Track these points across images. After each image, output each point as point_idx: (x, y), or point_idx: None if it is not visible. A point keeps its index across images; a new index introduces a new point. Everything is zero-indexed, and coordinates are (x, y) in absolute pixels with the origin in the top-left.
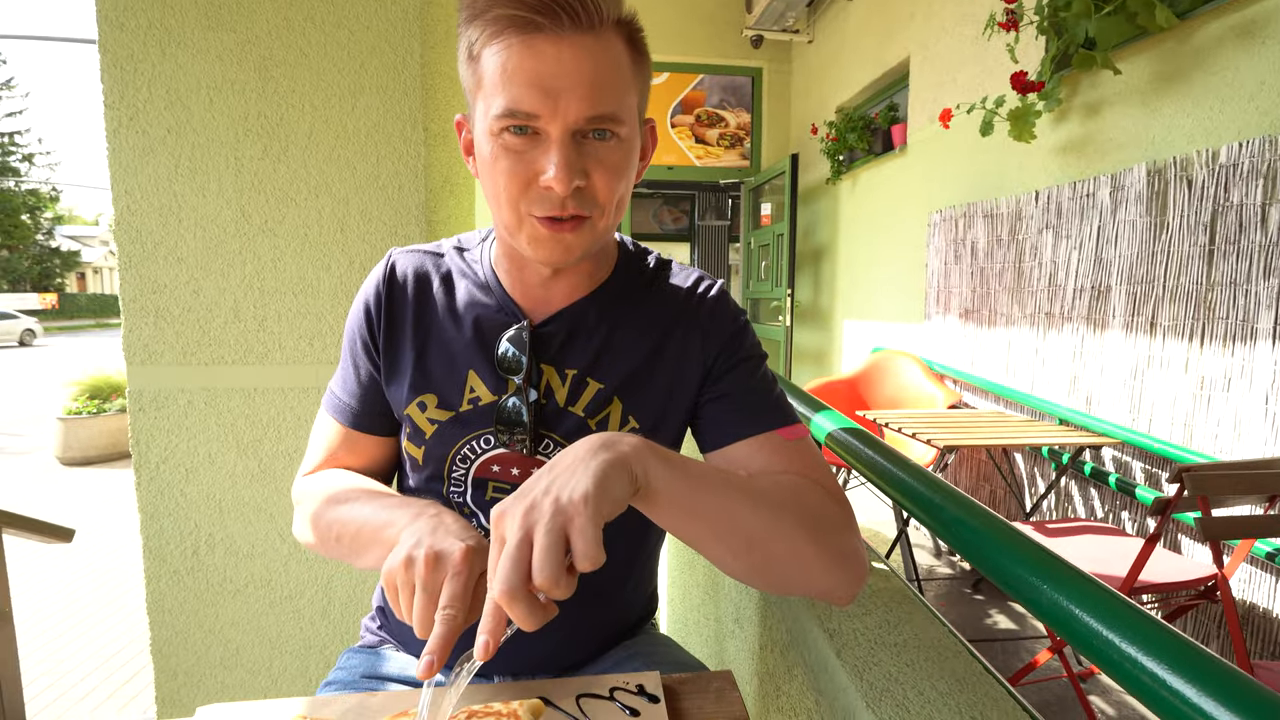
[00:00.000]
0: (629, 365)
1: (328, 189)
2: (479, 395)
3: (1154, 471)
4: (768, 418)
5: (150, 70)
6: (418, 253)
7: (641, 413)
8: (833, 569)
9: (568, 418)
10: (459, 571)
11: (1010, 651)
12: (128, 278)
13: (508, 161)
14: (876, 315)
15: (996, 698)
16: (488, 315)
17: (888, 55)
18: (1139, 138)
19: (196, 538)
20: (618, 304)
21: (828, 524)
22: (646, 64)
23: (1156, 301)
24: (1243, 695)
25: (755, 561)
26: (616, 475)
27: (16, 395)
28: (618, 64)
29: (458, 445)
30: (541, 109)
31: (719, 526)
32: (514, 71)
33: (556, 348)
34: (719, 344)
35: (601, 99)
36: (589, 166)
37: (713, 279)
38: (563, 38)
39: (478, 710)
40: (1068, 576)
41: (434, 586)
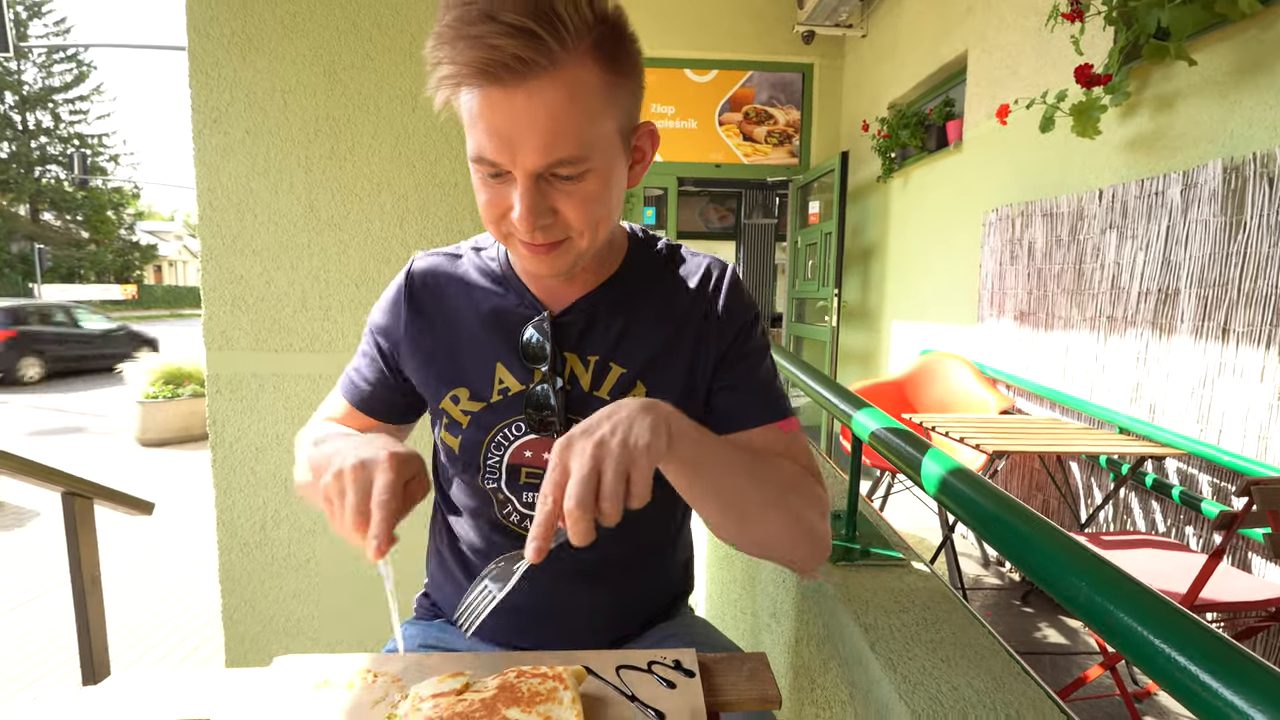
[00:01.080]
0: (649, 350)
1: (389, 186)
2: (508, 386)
3: (1223, 485)
4: (770, 410)
5: (232, 75)
6: (438, 255)
7: (664, 395)
8: (803, 543)
9: (594, 402)
10: (387, 469)
11: (1060, 667)
12: (209, 268)
13: (486, 194)
14: (926, 317)
15: (1034, 699)
16: (509, 309)
17: (944, 49)
18: (1215, 132)
19: (264, 513)
20: (633, 291)
21: (809, 507)
22: (630, 75)
23: (1230, 306)
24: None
25: (745, 528)
26: (663, 432)
27: (102, 379)
28: (581, 98)
29: (491, 434)
30: (500, 158)
31: (723, 495)
32: (476, 119)
33: (577, 336)
34: (733, 334)
35: (558, 145)
36: (557, 203)
37: (725, 264)
38: (516, 88)
39: (526, 670)
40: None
41: (364, 483)
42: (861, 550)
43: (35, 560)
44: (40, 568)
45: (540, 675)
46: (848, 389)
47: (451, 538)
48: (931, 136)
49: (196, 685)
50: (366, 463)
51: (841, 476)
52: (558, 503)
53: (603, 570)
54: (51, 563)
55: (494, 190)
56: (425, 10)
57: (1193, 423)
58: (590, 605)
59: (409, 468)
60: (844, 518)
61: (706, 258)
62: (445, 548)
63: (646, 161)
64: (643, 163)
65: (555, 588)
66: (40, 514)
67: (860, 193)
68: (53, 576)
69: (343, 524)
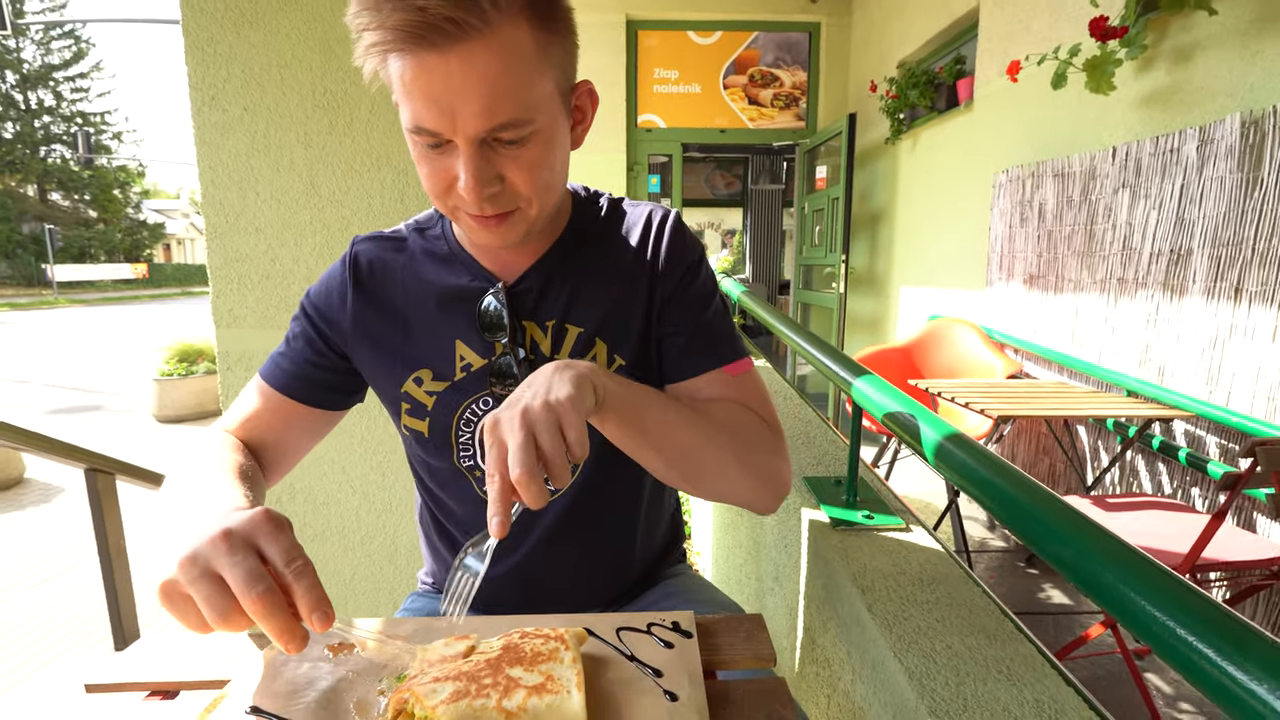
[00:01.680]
0: (603, 307)
1: (388, 161)
2: (470, 362)
3: (1230, 447)
4: (717, 354)
5: (228, 51)
6: (380, 239)
7: (623, 349)
8: (754, 484)
9: None
10: (272, 531)
11: (1063, 626)
12: (214, 247)
13: (428, 167)
14: (935, 282)
15: (1026, 655)
16: (462, 285)
17: (955, 4)
18: (1234, 86)
19: (279, 487)
20: (580, 250)
21: (755, 446)
22: (563, 34)
23: (1244, 265)
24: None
25: (686, 471)
26: (584, 385)
27: (115, 357)
28: (515, 59)
29: (459, 410)
30: (441, 126)
31: (658, 439)
32: (410, 87)
33: (533, 304)
34: (676, 278)
35: (498, 109)
36: (502, 169)
37: (665, 210)
38: (449, 51)
39: (529, 632)
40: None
41: (245, 549)
42: (862, 516)
43: (64, 534)
44: (68, 541)
45: (543, 636)
46: (847, 356)
47: (436, 518)
48: (941, 96)
49: (220, 649)
50: (234, 530)
51: (844, 443)
52: (504, 477)
53: (586, 530)
54: (79, 536)
55: (435, 162)
56: None
57: (1202, 384)
58: (579, 566)
59: (286, 521)
60: (845, 484)
61: (648, 205)
62: (433, 530)
63: (588, 122)
64: (584, 124)
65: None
66: (65, 490)
67: (868, 156)
68: (81, 549)
69: (217, 614)
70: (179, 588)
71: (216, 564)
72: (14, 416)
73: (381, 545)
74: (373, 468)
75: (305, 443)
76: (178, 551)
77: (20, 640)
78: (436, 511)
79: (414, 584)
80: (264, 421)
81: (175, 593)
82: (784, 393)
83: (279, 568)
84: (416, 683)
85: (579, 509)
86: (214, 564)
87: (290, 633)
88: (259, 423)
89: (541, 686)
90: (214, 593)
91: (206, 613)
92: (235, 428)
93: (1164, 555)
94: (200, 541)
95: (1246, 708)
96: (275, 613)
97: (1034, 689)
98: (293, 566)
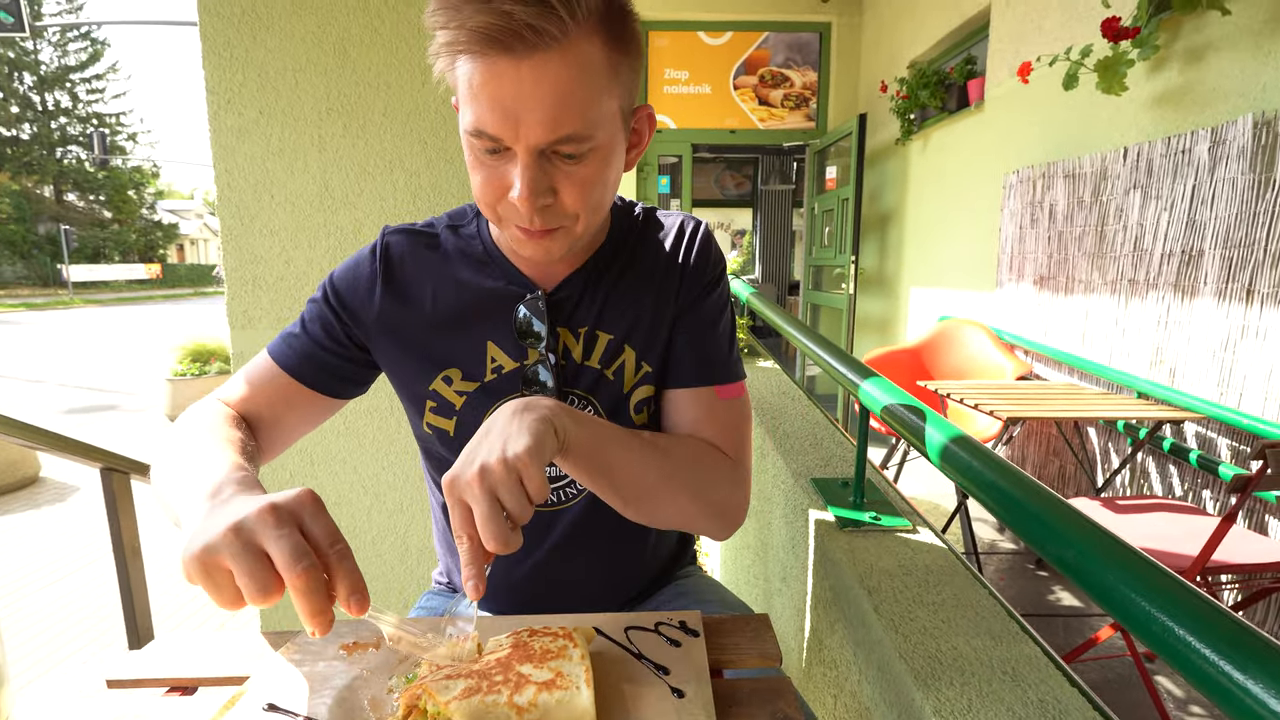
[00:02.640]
0: (633, 313)
1: (401, 163)
2: (501, 364)
3: (1242, 449)
4: (713, 373)
5: (244, 55)
6: (412, 233)
7: (650, 356)
8: (707, 519)
9: (586, 372)
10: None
11: (1073, 629)
12: (229, 249)
13: (482, 173)
14: (945, 283)
15: (1031, 656)
16: (498, 287)
17: (966, 3)
18: (1246, 86)
19: (291, 484)
20: (617, 260)
21: (714, 483)
22: (631, 55)
23: (1256, 266)
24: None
25: (642, 509)
26: (545, 429)
27: (130, 357)
28: (587, 73)
29: (489, 413)
30: (503, 132)
31: (617, 478)
32: (478, 90)
33: (569, 311)
34: (695, 288)
35: (563, 121)
36: (557, 183)
37: (697, 221)
38: (523, 59)
39: (538, 630)
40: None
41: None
42: (869, 518)
43: (79, 533)
44: (84, 540)
45: (551, 634)
46: (854, 358)
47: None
48: (952, 96)
49: (236, 647)
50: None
51: (851, 444)
52: (474, 539)
53: (597, 539)
54: (94, 535)
55: (491, 169)
56: None
57: (1213, 386)
58: (591, 572)
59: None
60: (852, 485)
61: (679, 216)
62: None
63: (643, 145)
64: (639, 146)
65: (556, 558)
66: (80, 489)
67: (878, 156)
68: (96, 548)
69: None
70: (219, 561)
71: (262, 537)
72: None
73: (393, 545)
74: (384, 468)
75: (302, 426)
76: (218, 523)
77: (36, 638)
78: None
79: (426, 583)
80: (265, 399)
81: (213, 565)
82: (792, 394)
83: (323, 547)
84: (430, 679)
85: (592, 517)
86: (259, 537)
87: (323, 614)
88: (260, 400)
89: (551, 683)
90: (257, 567)
91: (246, 585)
92: (235, 401)
93: (1174, 558)
94: (245, 513)
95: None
96: (316, 590)
97: (1039, 690)
98: (336, 548)
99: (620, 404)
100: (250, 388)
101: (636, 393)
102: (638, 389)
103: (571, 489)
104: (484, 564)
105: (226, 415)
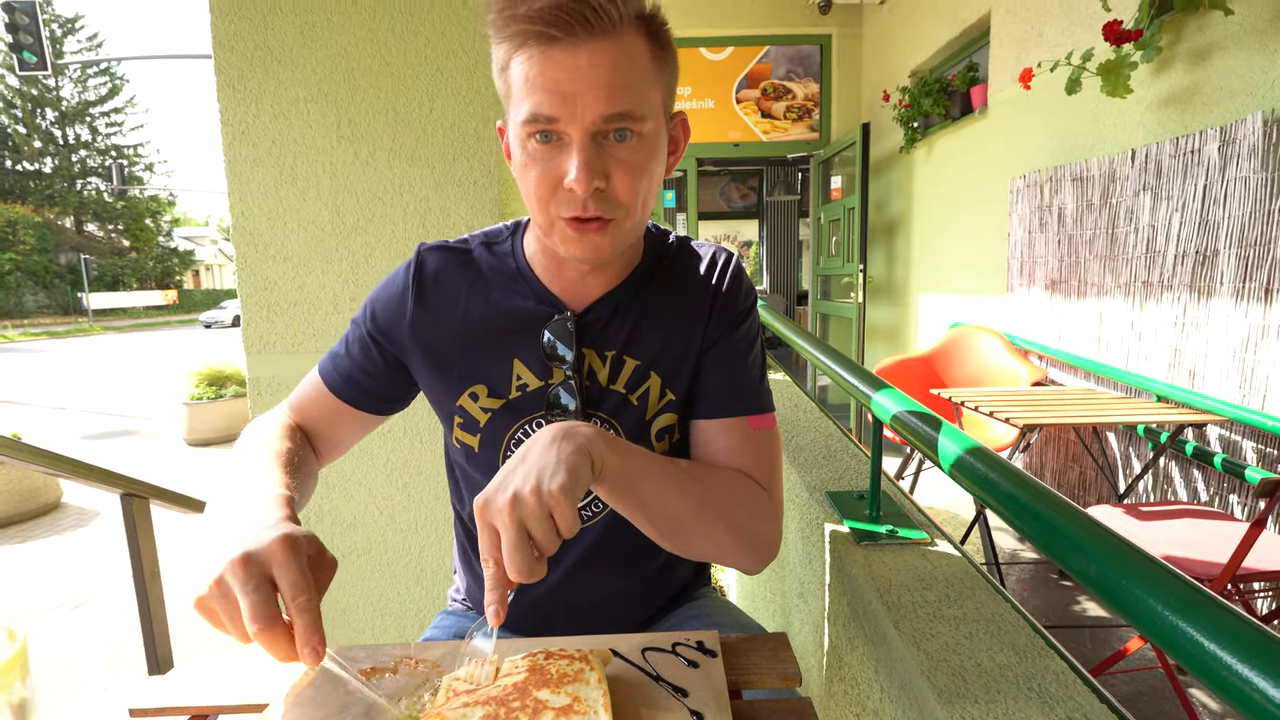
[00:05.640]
0: (660, 341)
1: (410, 188)
2: (526, 382)
3: (1269, 452)
4: (744, 404)
5: (257, 88)
6: (447, 249)
7: (675, 384)
8: (742, 551)
9: (611, 395)
10: (284, 562)
11: (1100, 640)
12: (244, 276)
13: (536, 168)
14: (954, 289)
15: (1058, 671)
16: (528, 306)
17: (966, 11)
18: (1254, 84)
19: (307, 509)
20: (648, 285)
21: (748, 515)
22: (670, 59)
23: (1273, 265)
24: None
25: (677, 540)
26: (582, 462)
27: (149, 382)
28: (637, 62)
29: (512, 430)
30: (560, 112)
31: (652, 509)
32: (535, 79)
33: (596, 333)
34: (727, 320)
35: (617, 97)
36: (610, 167)
37: (729, 253)
38: (579, 46)
39: (554, 652)
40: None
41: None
42: (886, 531)
43: (100, 558)
44: (104, 565)
45: (568, 657)
46: (865, 369)
47: (474, 541)
48: (955, 103)
49: (256, 674)
50: (254, 556)
51: (866, 456)
52: (499, 564)
53: (616, 559)
54: (113, 560)
55: (545, 162)
56: (440, 12)
57: (1235, 388)
58: (609, 592)
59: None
60: (868, 498)
61: (712, 247)
62: (469, 545)
63: (679, 152)
64: (676, 154)
65: (573, 579)
66: (100, 514)
67: (883, 165)
68: (116, 573)
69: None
70: (208, 603)
71: (235, 589)
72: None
73: (408, 566)
74: (398, 488)
75: (353, 437)
76: (208, 571)
77: (58, 664)
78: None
79: (442, 602)
80: (317, 413)
81: (205, 608)
82: (804, 406)
83: (287, 599)
84: (447, 708)
85: (610, 538)
86: (233, 589)
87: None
88: (313, 413)
89: (569, 708)
90: (235, 615)
91: (231, 631)
92: (294, 413)
93: (1203, 565)
94: (223, 565)
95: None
96: (276, 644)
97: (1067, 706)
98: (297, 602)
99: (642, 430)
100: (304, 402)
101: (659, 420)
102: (660, 416)
103: (588, 510)
104: (507, 590)
105: (284, 427)
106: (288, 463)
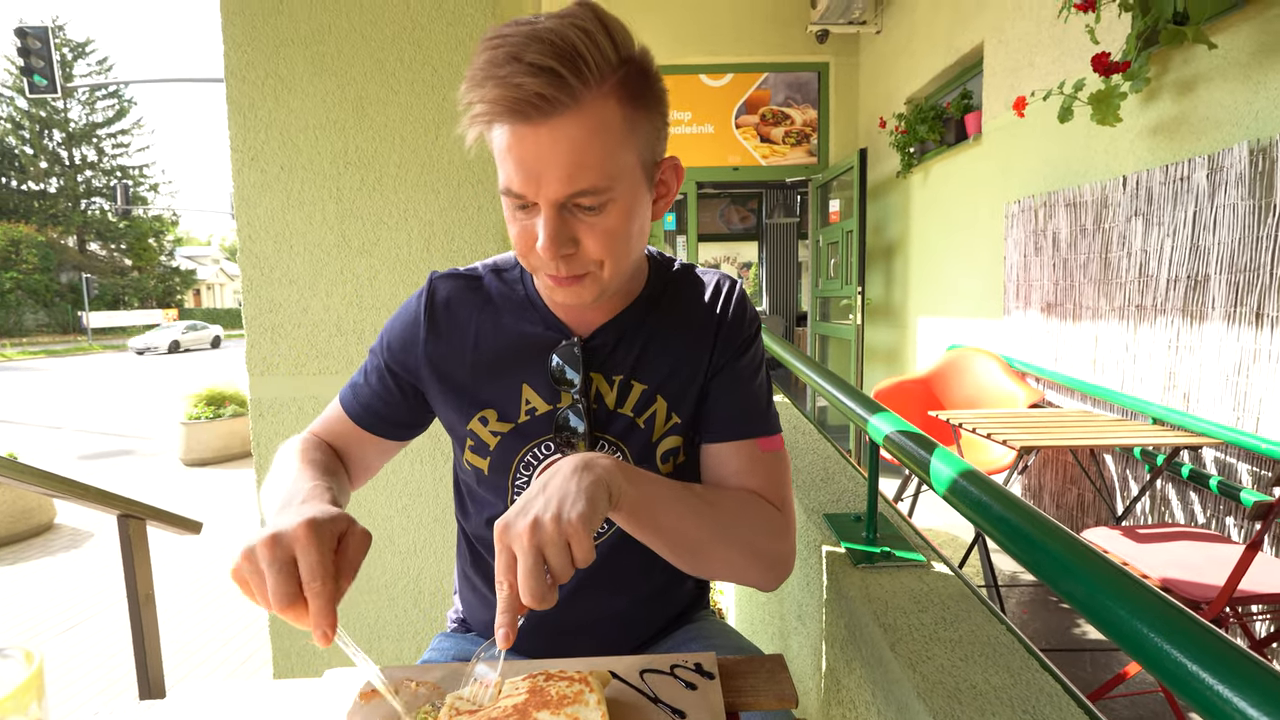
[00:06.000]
0: (667, 366)
1: (415, 213)
2: (535, 406)
3: (1263, 474)
4: (753, 426)
5: (267, 116)
6: (458, 277)
7: (681, 408)
8: (759, 571)
9: (618, 419)
10: (306, 545)
11: (1100, 664)
12: (249, 298)
13: (515, 227)
14: (951, 312)
15: (1052, 693)
16: (536, 332)
17: (960, 41)
18: (1240, 114)
19: None
20: (653, 311)
21: (762, 535)
22: (651, 104)
23: (1263, 290)
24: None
25: (695, 563)
26: (601, 493)
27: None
28: (602, 133)
29: (520, 454)
30: (526, 190)
31: (669, 535)
32: (505, 153)
33: (603, 358)
34: (732, 346)
35: (579, 176)
36: (579, 234)
37: (732, 280)
38: (541, 124)
39: (554, 673)
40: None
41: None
42: (883, 553)
43: (92, 580)
44: (96, 587)
45: (567, 679)
46: (862, 393)
47: (478, 560)
48: (950, 130)
49: (251, 697)
50: (279, 536)
51: (863, 478)
52: (513, 586)
53: (616, 581)
54: (106, 582)
55: (522, 222)
56: (447, 45)
57: (1229, 410)
58: (608, 613)
59: (333, 530)
60: (865, 520)
61: (716, 274)
62: (473, 571)
63: (670, 195)
64: (666, 197)
65: (575, 601)
66: (94, 535)
67: (880, 189)
68: (109, 595)
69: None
70: (241, 574)
71: (263, 565)
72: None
73: (406, 588)
74: (397, 511)
75: (379, 461)
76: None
77: (48, 688)
78: (482, 550)
79: (440, 625)
80: (341, 438)
81: (239, 578)
82: (803, 428)
83: (304, 580)
84: None
85: (613, 561)
86: (261, 564)
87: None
88: (338, 438)
89: None
90: (263, 588)
91: (260, 602)
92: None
93: (1200, 588)
94: (255, 541)
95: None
96: (297, 620)
97: None
98: (311, 586)
99: (648, 452)
100: (329, 428)
101: (665, 442)
102: (666, 438)
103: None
104: (518, 614)
105: (318, 441)
106: (324, 468)
